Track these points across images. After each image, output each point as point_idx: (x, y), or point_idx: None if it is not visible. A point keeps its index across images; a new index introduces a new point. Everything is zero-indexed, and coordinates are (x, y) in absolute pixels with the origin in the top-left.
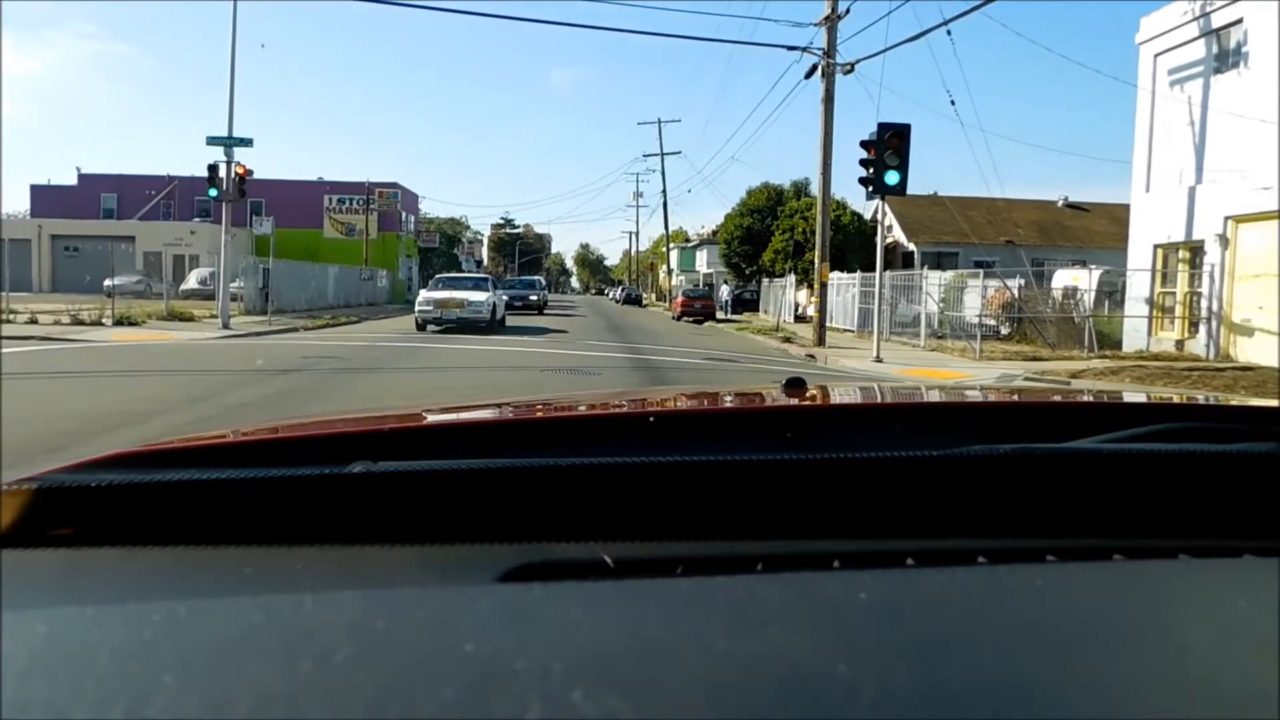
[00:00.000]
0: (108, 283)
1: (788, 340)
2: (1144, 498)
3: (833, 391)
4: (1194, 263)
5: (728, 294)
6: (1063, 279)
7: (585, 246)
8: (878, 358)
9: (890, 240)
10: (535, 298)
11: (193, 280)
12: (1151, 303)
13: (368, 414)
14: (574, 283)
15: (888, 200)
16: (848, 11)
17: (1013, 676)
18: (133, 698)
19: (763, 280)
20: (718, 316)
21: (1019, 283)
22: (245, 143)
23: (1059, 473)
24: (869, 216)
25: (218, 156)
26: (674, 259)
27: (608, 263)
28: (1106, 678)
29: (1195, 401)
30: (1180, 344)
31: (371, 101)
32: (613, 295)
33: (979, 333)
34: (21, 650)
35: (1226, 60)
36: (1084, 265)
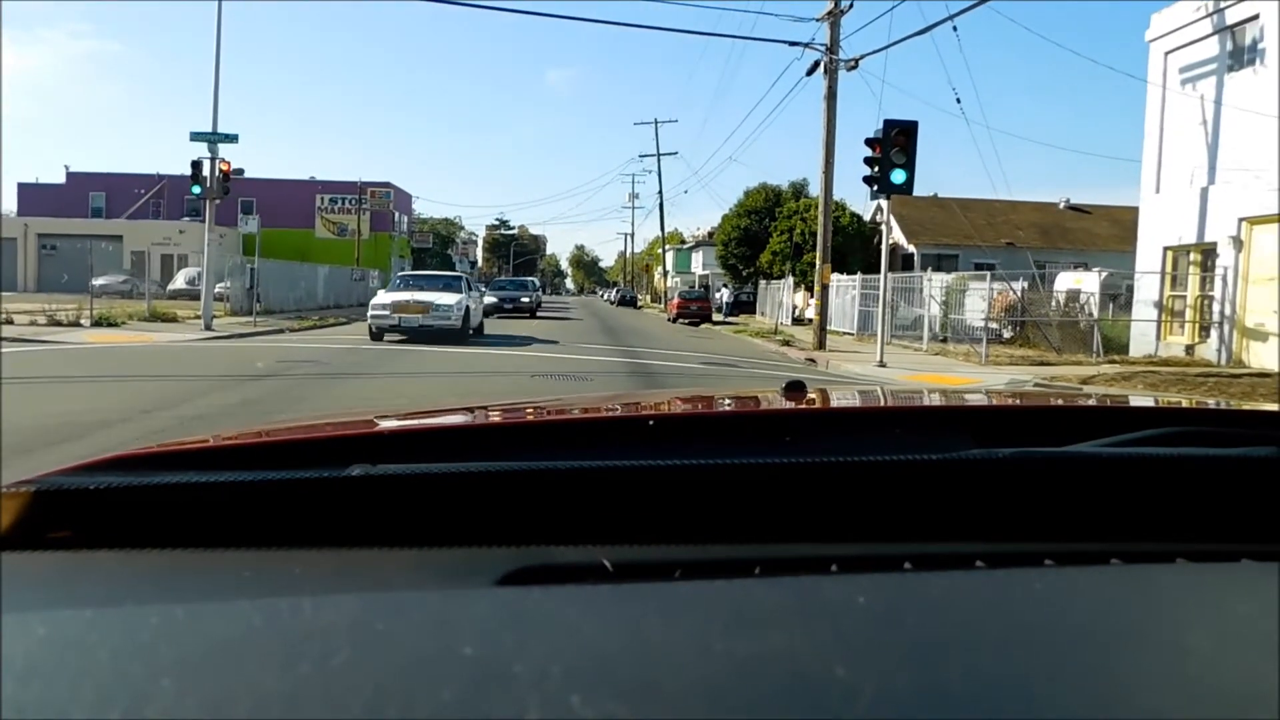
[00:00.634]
0: (95, 282)
1: (786, 343)
2: (1142, 502)
3: (832, 395)
4: (1205, 265)
5: (728, 296)
6: (1065, 281)
7: (580, 248)
8: (881, 362)
9: (890, 241)
10: (528, 300)
11: (180, 280)
12: (1161, 306)
13: (360, 416)
14: (569, 284)
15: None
16: (851, 6)
17: (1011, 680)
18: (131, 700)
19: (760, 282)
20: (714, 319)
21: (1022, 285)
22: (230, 138)
23: (1058, 477)
24: (868, 218)
25: (205, 153)
26: (670, 260)
27: (603, 264)
28: (1104, 682)
29: (1193, 405)
30: (1190, 349)
31: (365, 100)
32: (607, 297)
33: (985, 336)
34: (20, 652)
35: (1241, 58)
36: (1086, 268)
